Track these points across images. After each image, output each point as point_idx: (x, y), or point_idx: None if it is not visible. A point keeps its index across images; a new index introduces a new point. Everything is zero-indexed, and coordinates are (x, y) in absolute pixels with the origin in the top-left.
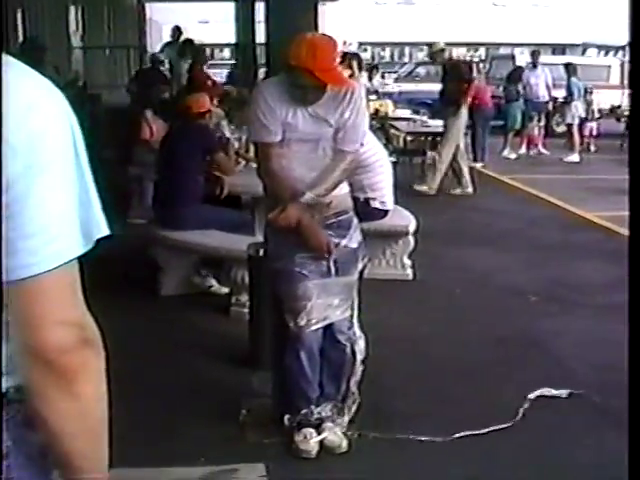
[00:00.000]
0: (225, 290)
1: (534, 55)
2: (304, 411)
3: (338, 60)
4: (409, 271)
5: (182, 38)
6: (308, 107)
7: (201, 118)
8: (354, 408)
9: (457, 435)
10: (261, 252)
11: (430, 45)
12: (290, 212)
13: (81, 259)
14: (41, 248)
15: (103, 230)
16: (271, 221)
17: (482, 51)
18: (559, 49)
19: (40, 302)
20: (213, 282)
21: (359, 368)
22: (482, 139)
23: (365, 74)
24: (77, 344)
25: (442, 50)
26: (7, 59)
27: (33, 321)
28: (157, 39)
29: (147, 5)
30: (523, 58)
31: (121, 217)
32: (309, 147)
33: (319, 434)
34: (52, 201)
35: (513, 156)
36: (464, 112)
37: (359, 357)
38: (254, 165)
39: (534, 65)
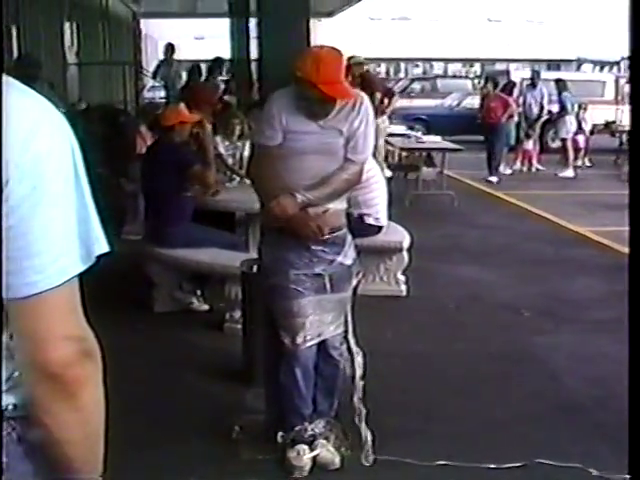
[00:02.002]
0: (205, 307)
1: (534, 75)
2: (297, 428)
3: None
4: (403, 287)
5: (176, 54)
6: (319, 121)
7: (170, 132)
8: (364, 425)
9: (450, 462)
10: (255, 268)
11: (349, 58)
12: (285, 202)
13: (79, 276)
14: (46, 266)
15: (103, 247)
16: (267, 215)
17: (477, 67)
18: (554, 65)
19: (45, 318)
20: (193, 299)
21: (359, 383)
22: (497, 154)
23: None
24: (79, 357)
25: (360, 63)
26: (7, 79)
27: (38, 337)
28: (153, 55)
29: (142, 21)
30: (518, 74)
31: (115, 233)
32: (318, 156)
33: (312, 451)
34: (56, 220)
35: (508, 172)
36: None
37: (358, 372)
38: (248, 182)
39: (533, 85)
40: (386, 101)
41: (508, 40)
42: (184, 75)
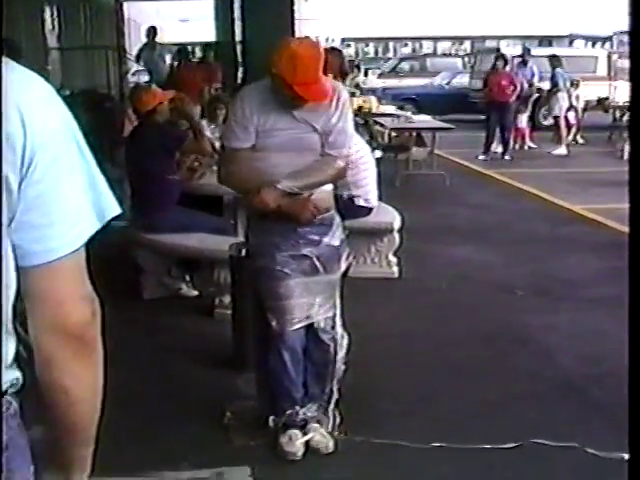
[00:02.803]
0: (194, 293)
1: (524, 52)
2: (289, 412)
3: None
4: (395, 269)
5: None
6: (294, 111)
7: (151, 115)
8: (332, 407)
9: (445, 444)
10: (243, 252)
11: (330, 49)
12: (266, 195)
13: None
14: (66, 233)
15: (115, 209)
16: (248, 205)
17: (467, 45)
18: (546, 41)
19: (63, 281)
20: (182, 285)
21: (340, 368)
22: (507, 133)
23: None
24: (93, 316)
25: (336, 50)
26: (10, 62)
27: (58, 299)
28: (137, 39)
29: (125, 4)
30: (509, 51)
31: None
32: (294, 151)
33: (304, 435)
34: (72, 188)
35: (500, 150)
36: None
37: (340, 356)
38: None
39: (524, 63)
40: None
41: (499, 16)
42: (168, 58)
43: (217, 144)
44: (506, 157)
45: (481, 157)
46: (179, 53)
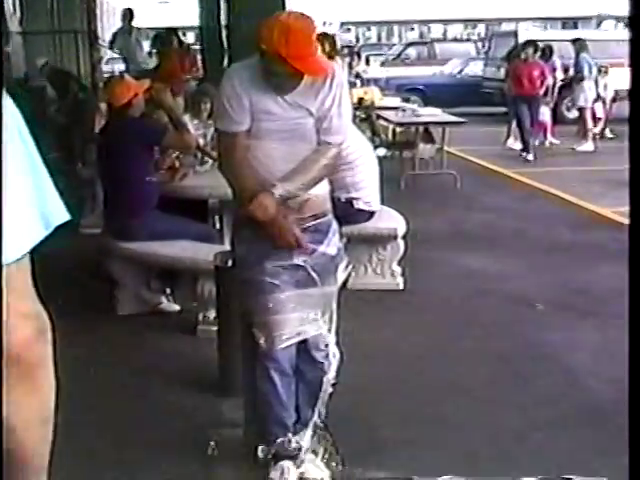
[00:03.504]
0: (175, 308)
1: (545, 50)
2: (280, 440)
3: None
4: (399, 280)
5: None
6: (285, 95)
7: (126, 109)
8: (309, 433)
9: (457, 477)
10: (230, 262)
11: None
12: (264, 201)
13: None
14: (7, 239)
15: (62, 215)
16: (245, 214)
17: (481, 28)
18: (570, 22)
19: (5, 293)
20: (162, 299)
21: (327, 391)
22: (525, 128)
23: (341, 61)
24: (37, 336)
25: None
26: None
27: None
28: (111, 23)
29: None
30: (528, 35)
31: (72, 226)
32: (288, 140)
33: (298, 467)
34: (15, 189)
35: (518, 146)
36: None
37: (328, 377)
38: None
39: (546, 61)
40: None
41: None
42: (146, 45)
43: (201, 141)
44: (529, 157)
45: (530, 157)
46: (161, 38)
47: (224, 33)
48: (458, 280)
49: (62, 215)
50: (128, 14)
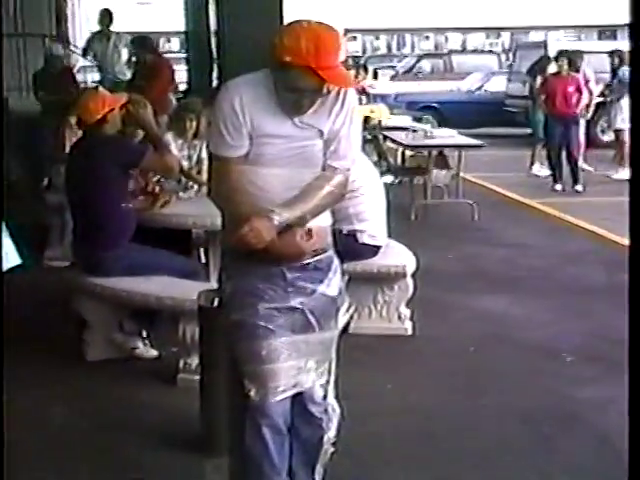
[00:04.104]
0: (153, 353)
1: (574, 59)
2: None
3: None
4: (407, 324)
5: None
6: (295, 118)
7: (101, 125)
8: None
9: None
10: (216, 302)
11: None
12: (260, 226)
13: None
14: None
15: (10, 259)
16: (236, 243)
17: (505, 38)
18: (608, 32)
19: None
20: (138, 343)
21: (328, 451)
22: (574, 155)
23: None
24: None
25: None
26: None
27: None
28: (84, 26)
29: None
30: (559, 46)
31: (37, 258)
32: (290, 165)
33: None
34: None
35: (544, 173)
36: None
37: (329, 435)
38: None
39: (576, 70)
40: None
41: (546, 1)
42: (125, 52)
43: (185, 164)
44: (578, 188)
45: (557, 187)
46: (140, 44)
47: (213, 40)
48: (474, 326)
49: (10, 259)
50: (107, 16)
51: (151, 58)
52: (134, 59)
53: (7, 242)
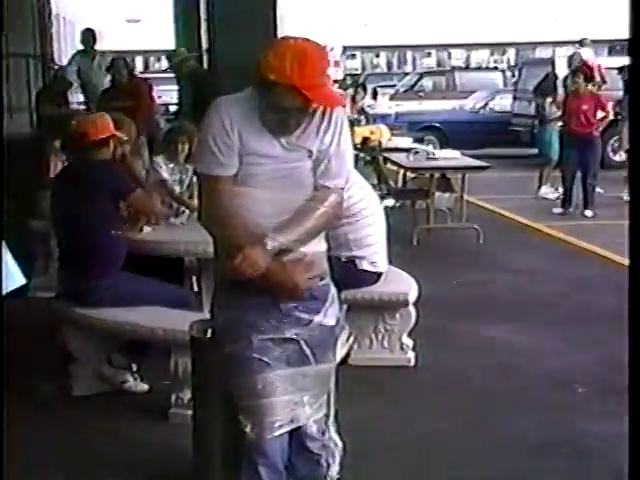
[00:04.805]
0: (143, 387)
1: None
2: None
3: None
4: (410, 354)
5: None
6: (282, 139)
7: (101, 147)
8: None
9: None
10: (209, 333)
11: (173, 52)
12: (254, 254)
13: None
14: None
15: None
16: (229, 272)
17: (511, 54)
18: (619, 47)
19: None
20: (128, 376)
21: None
22: (591, 179)
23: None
24: None
25: (187, 59)
26: None
27: None
28: (70, 45)
29: None
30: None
31: (21, 288)
32: (281, 187)
33: None
34: None
35: (553, 196)
36: None
37: (333, 472)
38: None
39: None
40: None
41: (554, 15)
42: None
43: (176, 188)
44: (587, 213)
45: (557, 210)
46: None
47: (205, 58)
48: (480, 356)
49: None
50: (90, 36)
51: (127, 79)
52: (109, 80)
53: (10, 262)
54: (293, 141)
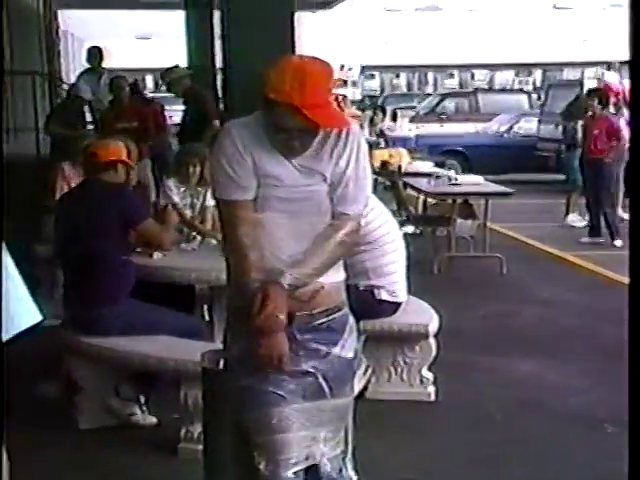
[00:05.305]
0: (152, 420)
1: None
2: None
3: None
4: (430, 389)
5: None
6: (294, 158)
7: (109, 170)
8: None
9: None
10: (221, 364)
11: (168, 70)
12: (273, 342)
13: None
14: None
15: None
16: (260, 365)
17: (537, 75)
18: None
19: None
20: (135, 409)
21: None
22: (602, 206)
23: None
24: None
25: (182, 77)
26: None
27: None
28: (78, 62)
29: (61, 13)
30: (594, 83)
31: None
32: (299, 213)
33: None
34: None
35: (581, 224)
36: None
37: None
38: (213, 241)
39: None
40: None
41: (583, 35)
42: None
43: (187, 212)
44: (616, 243)
45: (585, 240)
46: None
47: (219, 77)
48: (503, 391)
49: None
50: (97, 54)
51: (128, 99)
52: (108, 101)
53: (26, 297)
54: (306, 163)
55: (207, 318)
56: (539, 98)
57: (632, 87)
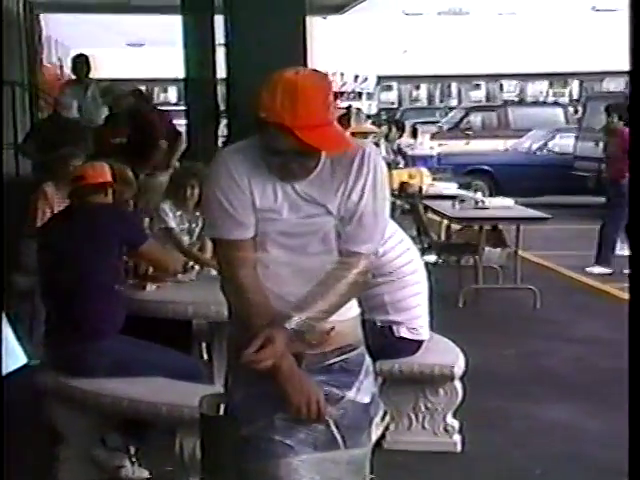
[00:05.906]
0: (144, 474)
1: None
2: None
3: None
4: (456, 438)
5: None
6: (295, 185)
7: (99, 192)
8: None
9: None
10: (222, 410)
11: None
12: (271, 350)
13: None
14: None
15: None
16: (245, 362)
17: (574, 86)
18: None
19: None
20: (124, 461)
21: None
22: (609, 233)
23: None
24: None
25: (122, 96)
26: None
27: None
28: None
29: (44, 17)
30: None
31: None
32: (300, 247)
33: None
34: None
35: (625, 252)
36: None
37: None
38: (213, 272)
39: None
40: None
41: (626, 41)
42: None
43: (185, 239)
44: (592, 269)
45: (592, 269)
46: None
47: (220, 89)
48: (539, 441)
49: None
50: (83, 63)
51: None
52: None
53: (12, 339)
54: (308, 191)
55: (205, 357)
56: (576, 112)
57: (631, 96)
